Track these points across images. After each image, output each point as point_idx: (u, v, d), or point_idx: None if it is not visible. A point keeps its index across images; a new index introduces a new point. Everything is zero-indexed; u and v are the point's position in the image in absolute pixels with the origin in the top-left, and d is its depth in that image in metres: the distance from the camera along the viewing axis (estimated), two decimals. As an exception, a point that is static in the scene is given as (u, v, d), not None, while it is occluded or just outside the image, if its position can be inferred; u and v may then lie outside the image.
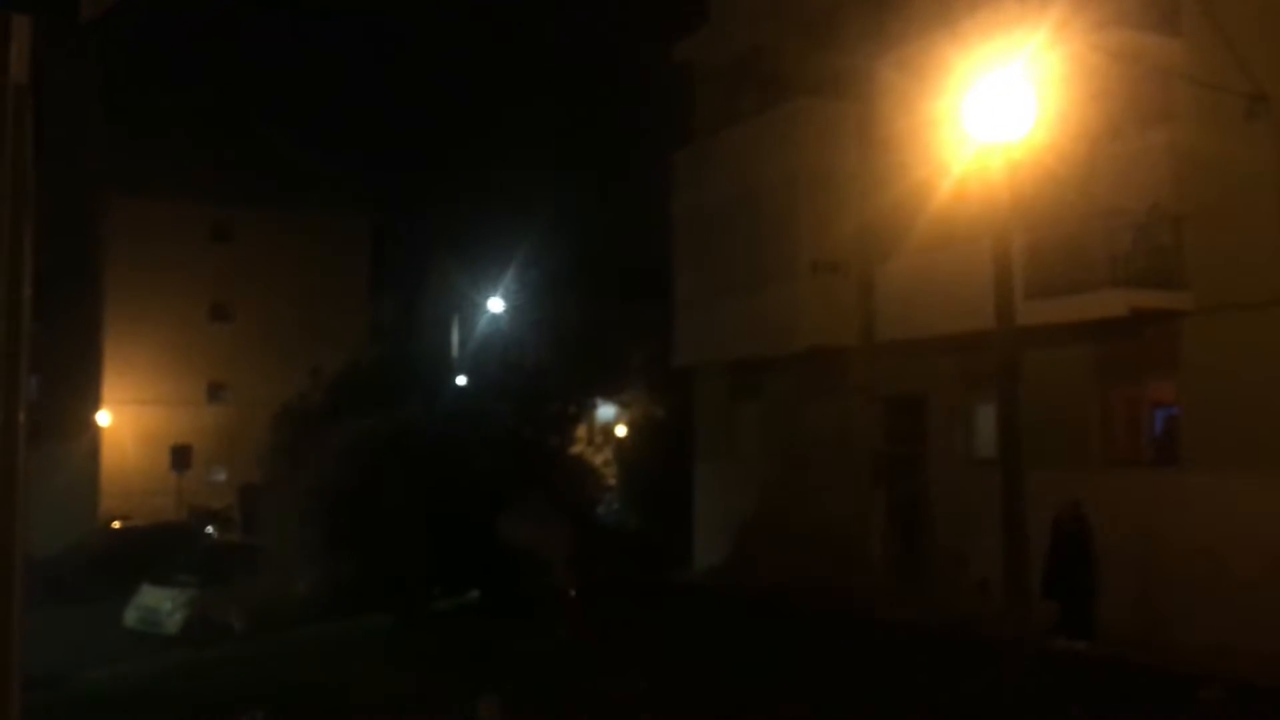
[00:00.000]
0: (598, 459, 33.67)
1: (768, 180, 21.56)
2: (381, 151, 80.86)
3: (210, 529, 34.42)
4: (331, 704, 12.99)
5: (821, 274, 20.79)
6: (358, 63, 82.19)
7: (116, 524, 34.50)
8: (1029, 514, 11.68)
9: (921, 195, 17.84)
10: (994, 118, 11.17)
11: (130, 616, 21.32)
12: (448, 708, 11.75)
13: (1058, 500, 14.83)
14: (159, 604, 21.10)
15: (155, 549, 25.97)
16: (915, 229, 18.30)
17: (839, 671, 13.68)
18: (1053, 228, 15.62)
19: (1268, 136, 13.82)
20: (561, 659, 15.00)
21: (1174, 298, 14.92)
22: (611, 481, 32.58)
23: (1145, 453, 15.95)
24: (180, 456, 41.90)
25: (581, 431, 33.73)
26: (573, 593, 19.07)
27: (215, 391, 48.40)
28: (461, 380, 26.97)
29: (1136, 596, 15.08)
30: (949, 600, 17.67)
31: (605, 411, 38.95)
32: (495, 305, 39.81)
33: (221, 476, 43.61)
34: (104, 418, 40.92)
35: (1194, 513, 14.67)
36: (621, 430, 37.27)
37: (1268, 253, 13.83)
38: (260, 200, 47.34)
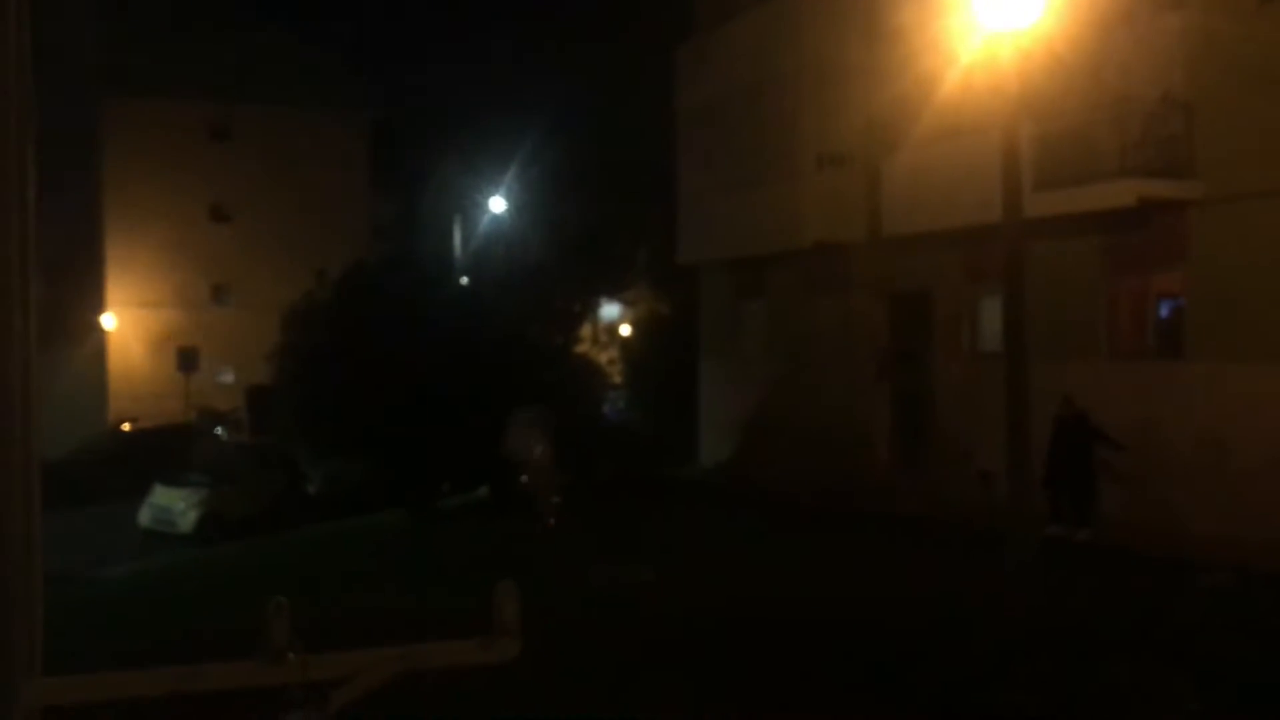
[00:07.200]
0: (603, 358, 33.73)
1: (772, 73, 21.22)
2: (381, 47, 79.50)
3: (219, 430, 34.74)
4: (349, 595, 13.22)
5: (826, 168, 20.58)
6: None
7: (126, 426, 34.83)
8: (1033, 406, 11.74)
9: (929, 86, 17.55)
10: (1003, 4, 10.94)
11: (144, 516, 21.65)
12: (462, 596, 11.95)
13: (1062, 392, 14.89)
14: (172, 503, 21.41)
15: (165, 450, 26.28)
16: (922, 121, 18.06)
17: (841, 563, 13.88)
18: (1061, 118, 15.40)
19: (1282, 22, 13.55)
20: (569, 552, 15.23)
21: (1183, 187, 14.76)
22: (617, 380, 32.66)
23: (1150, 344, 15.95)
24: (187, 358, 42.06)
25: (587, 330, 33.74)
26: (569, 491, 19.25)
27: (218, 293, 48.37)
28: (464, 280, 26.88)
29: (1139, 486, 15.23)
30: (951, 493, 17.86)
31: (610, 310, 38.91)
32: (497, 205, 39.53)
33: (229, 378, 43.81)
34: (109, 320, 40.98)
35: (1198, 403, 14.73)
36: (626, 329, 37.27)
37: (1279, 142, 13.65)
38: (258, 97, 46.67)
